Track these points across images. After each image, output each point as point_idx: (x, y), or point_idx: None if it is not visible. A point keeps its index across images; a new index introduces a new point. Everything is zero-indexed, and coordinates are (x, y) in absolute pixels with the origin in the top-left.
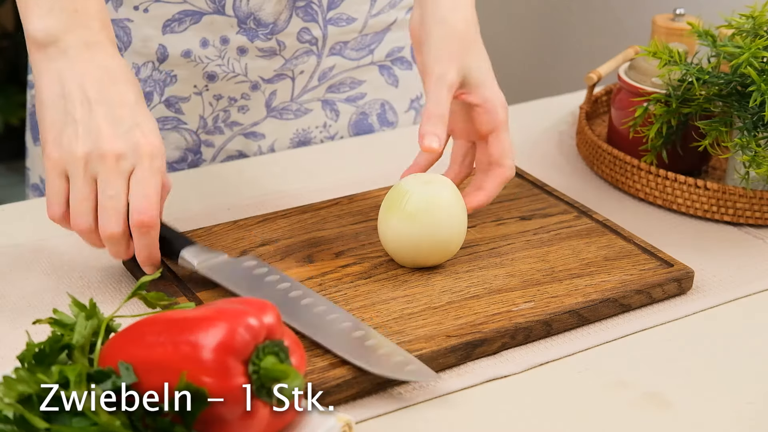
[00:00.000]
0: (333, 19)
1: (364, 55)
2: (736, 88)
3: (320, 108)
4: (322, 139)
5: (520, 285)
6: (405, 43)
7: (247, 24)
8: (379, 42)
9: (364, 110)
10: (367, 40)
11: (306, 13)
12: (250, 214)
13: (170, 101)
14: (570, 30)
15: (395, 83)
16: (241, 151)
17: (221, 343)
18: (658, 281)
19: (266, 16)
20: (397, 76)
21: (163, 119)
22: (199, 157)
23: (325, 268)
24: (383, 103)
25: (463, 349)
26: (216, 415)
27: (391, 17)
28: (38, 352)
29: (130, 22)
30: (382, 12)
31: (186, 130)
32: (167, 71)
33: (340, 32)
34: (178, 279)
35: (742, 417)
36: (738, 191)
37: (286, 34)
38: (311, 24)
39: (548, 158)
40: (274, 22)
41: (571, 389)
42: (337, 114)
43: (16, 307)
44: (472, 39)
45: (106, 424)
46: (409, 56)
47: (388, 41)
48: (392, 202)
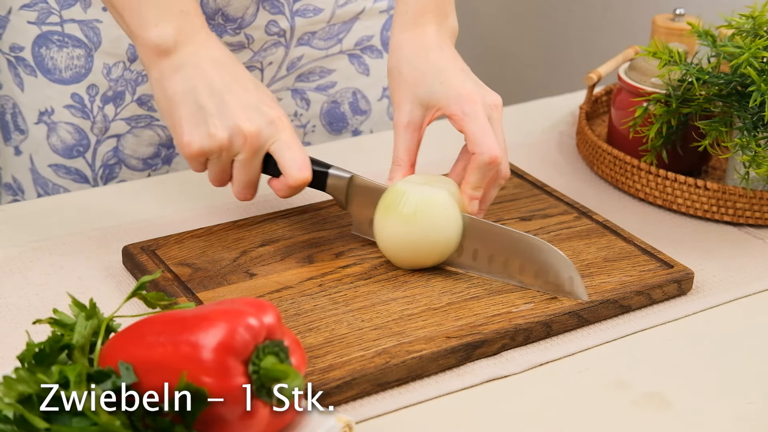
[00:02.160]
0: (300, 11)
1: (332, 45)
2: (736, 88)
3: (290, 97)
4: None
5: (520, 286)
6: (374, 32)
7: (215, 20)
8: (347, 31)
9: (336, 99)
10: (335, 29)
11: (273, 6)
12: (250, 214)
13: (142, 99)
14: (570, 30)
15: (366, 72)
16: None
17: (221, 343)
18: (658, 282)
19: (234, 11)
20: (368, 65)
21: (136, 117)
22: (172, 151)
23: (325, 268)
24: (355, 92)
25: (463, 350)
26: (216, 415)
27: (359, 6)
28: (38, 352)
29: (99, 23)
30: (349, 2)
31: (159, 126)
32: (138, 71)
33: (308, 23)
34: (178, 279)
35: (742, 417)
36: (738, 191)
37: (254, 28)
38: (278, 16)
39: (548, 158)
40: (241, 17)
41: (571, 389)
42: (308, 103)
43: (16, 307)
44: (422, 63)
45: (106, 424)
46: (379, 44)
47: (357, 30)
48: (388, 205)
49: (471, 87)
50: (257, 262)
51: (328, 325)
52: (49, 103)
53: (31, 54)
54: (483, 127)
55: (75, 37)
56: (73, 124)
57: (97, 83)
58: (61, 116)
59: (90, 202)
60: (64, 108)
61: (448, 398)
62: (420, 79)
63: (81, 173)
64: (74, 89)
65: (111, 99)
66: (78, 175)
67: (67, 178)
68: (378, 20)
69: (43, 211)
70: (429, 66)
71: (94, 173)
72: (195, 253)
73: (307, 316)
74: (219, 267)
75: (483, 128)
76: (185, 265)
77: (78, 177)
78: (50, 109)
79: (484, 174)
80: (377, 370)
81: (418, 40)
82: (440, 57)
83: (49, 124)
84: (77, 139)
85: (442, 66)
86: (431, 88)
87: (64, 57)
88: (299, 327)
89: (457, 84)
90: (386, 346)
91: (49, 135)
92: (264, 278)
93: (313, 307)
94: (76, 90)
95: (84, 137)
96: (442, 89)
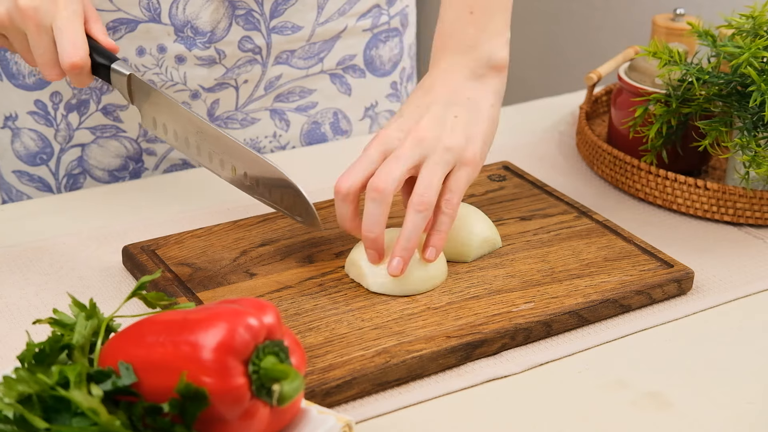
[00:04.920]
0: (277, 28)
1: (313, 64)
2: (736, 88)
3: (268, 117)
4: (272, 149)
5: (520, 286)
6: (357, 51)
7: (184, 32)
8: (329, 50)
9: (316, 119)
10: (315, 48)
11: (247, 22)
12: (250, 214)
13: (108, 109)
14: (570, 30)
15: (348, 91)
16: (184, 160)
17: (221, 343)
18: (658, 282)
19: (203, 25)
20: (350, 84)
21: (101, 127)
22: (141, 165)
23: (325, 268)
24: (336, 112)
25: (464, 350)
26: (216, 415)
27: (341, 25)
28: (38, 352)
29: None
30: (330, 20)
31: (125, 138)
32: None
33: (286, 41)
34: (178, 279)
35: (742, 417)
36: (738, 191)
37: (226, 43)
38: (253, 32)
39: (548, 158)
40: (212, 31)
41: (571, 389)
42: (288, 124)
43: (16, 307)
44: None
45: (106, 424)
46: (362, 64)
47: (339, 49)
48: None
49: (392, 123)
50: (257, 262)
51: (328, 325)
52: (14, 108)
53: None
54: (359, 159)
55: None
56: (36, 131)
57: (60, 90)
58: (25, 122)
59: (90, 202)
60: (27, 114)
61: (448, 398)
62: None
63: (44, 181)
64: (37, 96)
65: (75, 107)
66: (41, 183)
67: (30, 185)
68: (361, 39)
69: (42, 211)
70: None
71: (58, 182)
72: (195, 253)
73: (307, 316)
74: (219, 267)
75: (358, 160)
76: (185, 265)
77: (41, 185)
78: (14, 114)
79: (369, 210)
80: (377, 369)
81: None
82: (414, 94)
83: (13, 129)
84: (41, 147)
85: (405, 103)
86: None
87: None
88: (299, 327)
89: (389, 120)
90: (386, 345)
91: (13, 140)
92: (264, 278)
93: (313, 307)
94: (39, 96)
95: (47, 145)
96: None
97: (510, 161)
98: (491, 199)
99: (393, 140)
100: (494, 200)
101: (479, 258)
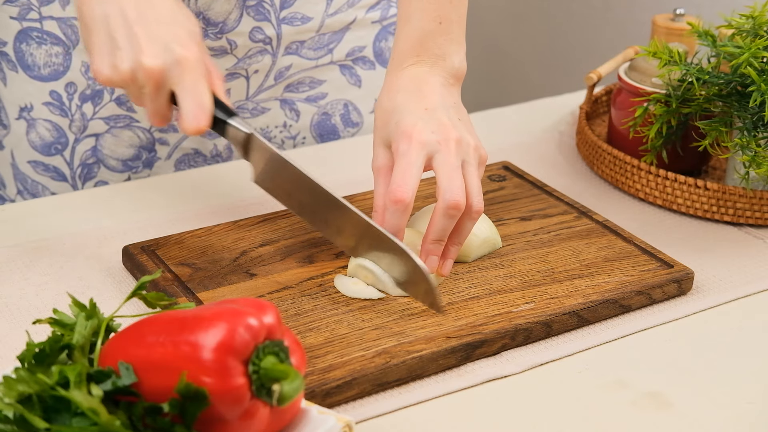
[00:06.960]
0: (287, 18)
1: (322, 55)
2: (736, 88)
3: (278, 107)
4: (282, 140)
5: (520, 286)
6: (366, 43)
7: None
8: (338, 41)
9: (326, 110)
10: (325, 39)
11: (257, 12)
12: (250, 214)
13: (121, 99)
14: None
15: (358, 83)
16: (197, 149)
17: (221, 343)
18: (658, 282)
19: (215, 15)
20: (360, 76)
21: (114, 117)
22: (153, 155)
23: (325, 268)
24: (346, 104)
25: (464, 350)
26: (216, 415)
27: (350, 16)
28: (38, 352)
29: (77, 21)
30: (339, 11)
31: (139, 127)
32: None
33: (296, 31)
34: (178, 279)
35: (742, 417)
36: (738, 191)
37: (237, 33)
38: (264, 23)
39: (548, 158)
40: (223, 21)
41: (571, 389)
42: (298, 114)
43: (16, 307)
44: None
45: (106, 424)
46: (372, 56)
47: (348, 40)
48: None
49: (417, 125)
50: (257, 262)
51: (328, 325)
52: (29, 99)
53: (13, 49)
54: (404, 166)
55: (53, 34)
56: (51, 122)
57: (75, 81)
58: (40, 113)
59: (90, 202)
60: (42, 105)
61: (448, 398)
62: (385, 121)
63: (59, 171)
64: (52, 86)
65: (89, 97)
66: (56, 172)
67: (46, 175)
68: (370, 31)
69: (43, 211)
70: (393, 107)
71: (73, 172)
72: (195, 253)
73: (307, 316)
74: (219, 267)
75: (404, 168)
76: (185, 265)
77: (56, 175)
78: (30, 105)
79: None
80: (377, 370)
81: (395, 83)
82: (407, 97)
83: (28, 120)
84: (55, 137)
85: (403, 106)
86: (389, 129)
87: (43, 54)
88: (299, 327)
89: (407, 122)
90: (386, 346)
91: (28, 131)
92: (264, 278)
93: (313, 307)
94: (54, 87)
95: (62, 135)
96: (395, 128)
97: (510, 161)
98: (491, 199)
99: (433, 144)
100: (494, 200)
101: (479, 258)
